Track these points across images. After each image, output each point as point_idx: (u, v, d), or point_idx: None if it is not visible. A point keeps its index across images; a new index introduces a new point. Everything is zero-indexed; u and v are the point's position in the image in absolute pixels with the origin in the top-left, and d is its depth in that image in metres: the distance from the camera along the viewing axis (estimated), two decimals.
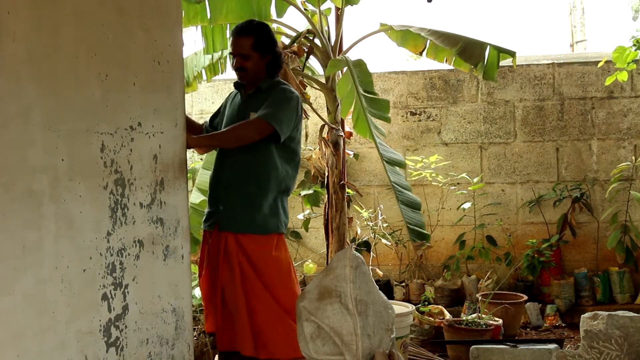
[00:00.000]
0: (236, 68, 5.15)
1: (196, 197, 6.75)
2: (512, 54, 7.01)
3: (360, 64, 6.70)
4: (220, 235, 4.96)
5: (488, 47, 7.02)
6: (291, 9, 7.25)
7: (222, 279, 4.89)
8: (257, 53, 5.09)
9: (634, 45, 7.47)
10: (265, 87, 5.14)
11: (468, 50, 7.04)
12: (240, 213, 4.97)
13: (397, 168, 6.52)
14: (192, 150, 8.08)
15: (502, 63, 7.15)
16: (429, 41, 7.32)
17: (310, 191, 8.06)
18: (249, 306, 4.82)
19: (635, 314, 5.17)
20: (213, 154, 6.81)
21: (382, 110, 6.56)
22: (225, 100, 5.46)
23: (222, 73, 7.95)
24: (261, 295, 4.86)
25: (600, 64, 8.43)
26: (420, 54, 7.53)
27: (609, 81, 7.84)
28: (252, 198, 4.98)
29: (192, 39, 7.67)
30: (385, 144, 6.66)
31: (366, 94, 6.51)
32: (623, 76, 7.70)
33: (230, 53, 5.27)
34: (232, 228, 4.94)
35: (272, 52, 5.15)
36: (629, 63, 7.59)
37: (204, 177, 6.85)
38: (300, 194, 8.34)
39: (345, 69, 6.58)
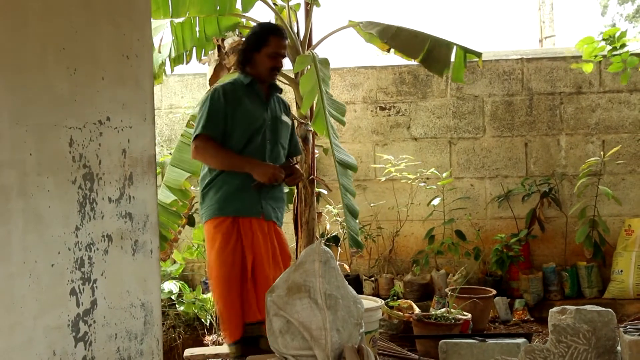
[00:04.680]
0: (278, 68, 5.52)
1: (165, 196, 6.73)
2: (478, 55, 7.04)
3: (326, 62, 6.72)
4: (266, 223, 5.44)
5: (454, 47, 7.03)
6: (259, 3, 7.24)
7: (261, 262, 5.32)
8: None
9: (604, 39, 7.50)
10: (279, 89, 5.74)
11: (434, 54, 7.05)
12: (281, 206, 5.61)
13: (349, 171, 6.59)
14: (160, 144, 8.06)
15: (469, 60, 7.18)
16: (394, 42, 7.33)
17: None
18: None
19: (603, 309, 5.21)
20: (182, 150, 6.83)
21: (340, 112, 6.63)
22: (223, 101, 5.41)
23: (186, 63, 7.93)
24: None
25: (567, 50, 8.47)
26: (388, 51, 7.54)
27: (574, 66, 7.87)
28: (284, 192, 5.66)
29: (159, 38, 7.64)
30: (340, 145, 6.70)
31: (328, 93, 6.55)
32: (588, 67, 7.73)
33: (276, 53, 5.46)
34: (273, 219, 5.50)
35: None
36: (595, 56, 7.62)
37: (173, 174, 6.84)
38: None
39: (310, 65, 6.60)
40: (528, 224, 8.68)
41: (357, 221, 6.57)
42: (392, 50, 7.49)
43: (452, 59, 7.05)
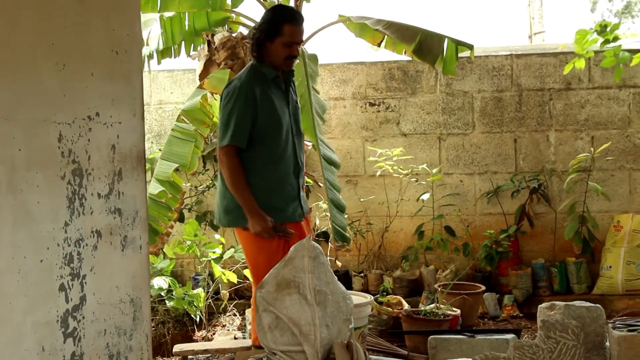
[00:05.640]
0: (294, 56, 5.33)
1: (155, 188, 6.71)
2: (470, 47, 7.05)
3: (314, 59, 6.73)
4: (304, 223, 5.49)
5: (446, 40, 7.05)
6: None
7: None
8: None
9: (596, 30, 7.47)
10: (292, 72, 5.55)
11: (426, 45, 7.07)
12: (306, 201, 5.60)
13: (333, 167, 6.62)
14: (150, 140, 8.06)
15: (460, 54, 7.19)
16: (386, 35, 7.35)
17: None
18: None
19: (592, 304, 5.23)
20: (173, 144, 6.81)
21: (322, 110, 6.65)
22: (250, 101, 5.21)
23: (175, 57, 7.92)
24: None
25: (561, 46, 8.48)
26: (379, 45, 7.55)
27: (566, 70, 7.85)
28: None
29: (147, 32, 7.64)
30: (325, 142, 6.72)
31: (314, 89, 6.56)
32: (580, 63, 7.72)
33: (291, 42, 5.25)
34: (306, 214, 5.55)
35: None
36: (587, 51, 7.61)
37: (163, 167, 6.82)
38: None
39: (298, 61, 6.61)
40: (517, 220, 8.68)
41: (346, 216, 6.58)
42: (382, 44, 7.51)
43: (444, 51, 7.07)
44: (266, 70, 5.28)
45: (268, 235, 5.13)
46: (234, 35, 7.22)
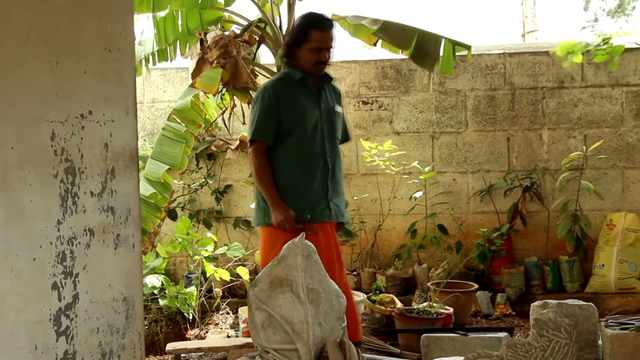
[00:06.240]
0: (323, 62, 5.34)
1: (145, 189, 6.70)
2: (467, 47, 7.09)
3: None
4: (330, 225, 5.42)
5: (443, 40, 7.06)
6: None
7: (330, 268, 5.10)
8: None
9: (588, 45, 7.48)
10: (329, 79, 5.59)
11: (423, 48, 7.09)
12: (343, 206, 5.56)
13: None
14: (142, 138, 8.06)
15: (456, 53, 7.22)
16: (382, 35, 7.35)
17: None
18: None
19: (585, 303, 5.25)
20: (163, 143, 6.79)
21: None
22: (275, 100, 5.31)
23: (170, 60, 7.93)
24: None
25: (555, 51, 8.48)
26: (374, 44, 7.56)
27: (567, 64, 7.85)
28: (343, 191, 5.65)
29: (140, 29, 7.65)
30: None
31: None
32: (578, 58, 7.74)
33: (319, 47, 5.27)
34: (337, 218, 5.50)
35: None
36: (569, 52, 7.64)
37: (152, 167, 6.81)
38: (252, 183, 8.35)
39: None
40: (510, 219, 8.69)
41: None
42: (378, 43, 7.51)
43: (441, 52, 7.09)
44: (294, 72, 5.37)
45: (289, 225, 5.16)
46: (226, 33, 7.21)
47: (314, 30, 5.25)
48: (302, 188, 5.32)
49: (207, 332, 7.57)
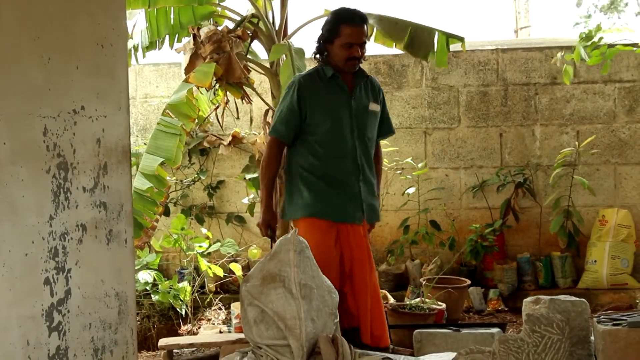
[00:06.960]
0: (355, 57, 5.27)
1: (141, 184, 6.69)
2: (461, 39, 7.10)
3: (301, 52, 6.73)
4: (363, 227, 5.41)
5: (437, 33, 7.08)
6: None
7: (361, 269, 5.28)
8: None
9: (581, 39, 7.48)
10: (365, 74, 5.50)
11: (417, 38, 7.11)
12: (377, 206, 5.54)
13: None
14: (135, 134, 8.05)
15: (450, 47, 7.23)
16: (375, 28, 7.37)
17: (255, 175, 8.04)
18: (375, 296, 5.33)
19: (577, 299, 5.25)
20: (158, 138, 6.78)
21: None
22: (298, 97, 5.27)
23: (159, 49, 7.92)
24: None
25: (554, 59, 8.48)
26: (368, 39, 7.56)
27: (576, 58, 7.82)
28: (375, 191, 5.56)
29: (132, 24, 7.65)
30: None
31: None
32: (577, 56, 7.77)
33: (350, 43, 5.23)
34: (371, 220, 5.54)
35: None
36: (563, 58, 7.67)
37: (148, 161, 6.80)
38: (244, 178, 8.35)
39: (286, 55, 6.63)
40: (503, 214, 8.70)
41: None
42: (372, 38, 7.51)
43: (435, 45, 7.11)
44: (326, 69, 5.33)
45: (262, 230, 5.31)
46: (219, 29, 7.20)
47: (344, 25, 5.20)
48: (330, 188, 5.27)
49: (199, 327, 7.57)
